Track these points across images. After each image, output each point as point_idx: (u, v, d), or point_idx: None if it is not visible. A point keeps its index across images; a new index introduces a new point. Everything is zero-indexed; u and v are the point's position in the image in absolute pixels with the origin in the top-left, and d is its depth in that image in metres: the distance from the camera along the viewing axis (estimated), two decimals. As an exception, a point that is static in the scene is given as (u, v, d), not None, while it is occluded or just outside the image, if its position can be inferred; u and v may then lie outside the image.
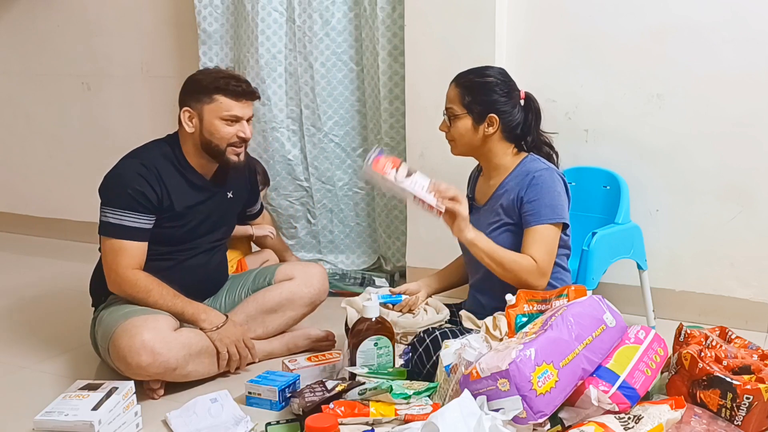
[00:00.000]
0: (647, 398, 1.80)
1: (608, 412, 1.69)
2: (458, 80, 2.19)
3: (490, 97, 2.16)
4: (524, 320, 1.92)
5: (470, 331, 2.05)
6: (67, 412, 1.83)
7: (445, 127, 2.20)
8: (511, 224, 2.16)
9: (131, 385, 1.96)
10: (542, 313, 1.91)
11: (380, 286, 2.91)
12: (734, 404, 1.72)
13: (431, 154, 2.88)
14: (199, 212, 2.32)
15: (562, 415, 1.71)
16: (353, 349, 1.98)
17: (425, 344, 2.00)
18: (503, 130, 2.18)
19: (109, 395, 1.89)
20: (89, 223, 2.86)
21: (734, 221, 2.59)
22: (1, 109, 4.25)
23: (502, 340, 1.93)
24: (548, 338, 1.68)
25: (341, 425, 1.70)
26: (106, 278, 2.24)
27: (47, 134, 4.15)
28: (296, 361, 2.22)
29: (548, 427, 1.69)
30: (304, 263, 2.63)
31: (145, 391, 2.11)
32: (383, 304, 2.20)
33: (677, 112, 2.61)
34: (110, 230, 2.20)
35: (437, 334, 2.01)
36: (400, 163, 2.04)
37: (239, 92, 2.24)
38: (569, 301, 1.89)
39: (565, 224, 2.15)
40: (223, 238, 2.47)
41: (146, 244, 2.23)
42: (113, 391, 1.91)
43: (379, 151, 2.04)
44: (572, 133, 2.75)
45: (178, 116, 2.27)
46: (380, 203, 3.31)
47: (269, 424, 1.91)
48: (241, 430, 1.89)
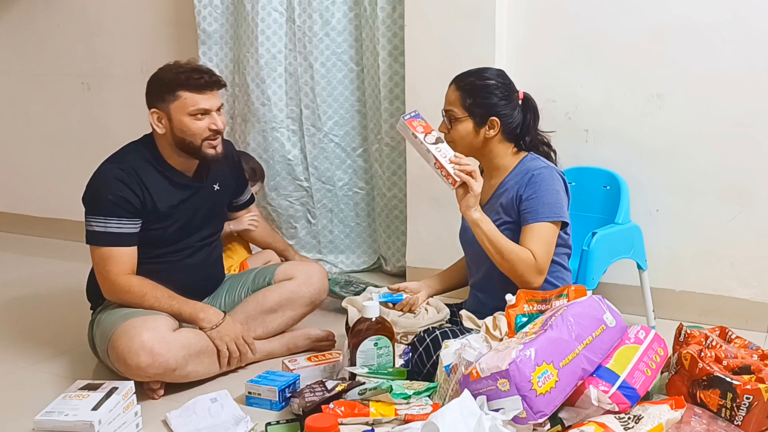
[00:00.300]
0: (647, 398, 1.80)
1: (608, 412, 1.69)
2: (458, 83, 2.18)
3: (490, 100, 2.16)
4: (524, 320, 1.92)
5: (470, 331, 2.05)
6: (67, 412, 1.83)
7: (445, 128, 2.20)
8: (510, 222, 2.16)
9: (131, 385, 1.96)
10: (542, 313, 1.91)
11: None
12: (734, 404, 1.72)
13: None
14: (185, 210, 2.29)
15: (562, 415, 1.71)
16: (353, 349, 1.98)
17: (425, 344, 2.00)
18: (503, 131, 2.18)
19: (109, 395, 1.89)
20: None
21: (734, 221, 2.59)
22: (1, 109, 4.25)
23: (502, 340, 1.93)
24: (548, 338, 1.68)
25: (341, 425, 1.70)
26: (100, 287, 2.23)
27: (47, 134, 4.15)
28: (296, 361, 2.22)
29: (548, 427, 1.69)
30: (304, 263, 2.62)
31: (145, 391, 2.10)
32: (384, 302, 2.20)
33: (677, 112, 2.61)
34: (97, 239, 2.18)
35: (437, 333, 2.01)
36: (431, 130, 2.09)
37: (202, 84, 2.19)
38: (569, 301, 1.89)
39: (564, 223, 2.16)
40: (215, 232, 2.45)
41: (135, 248, 2.20)
42: (113, 391, 1.91)
43: (416, 113, 2.11)
44: (572, 133, 2.75)
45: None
46: (380, 203, 3.31)
47: (269, 424, 1.90)
48: (241, 430, 1.89)
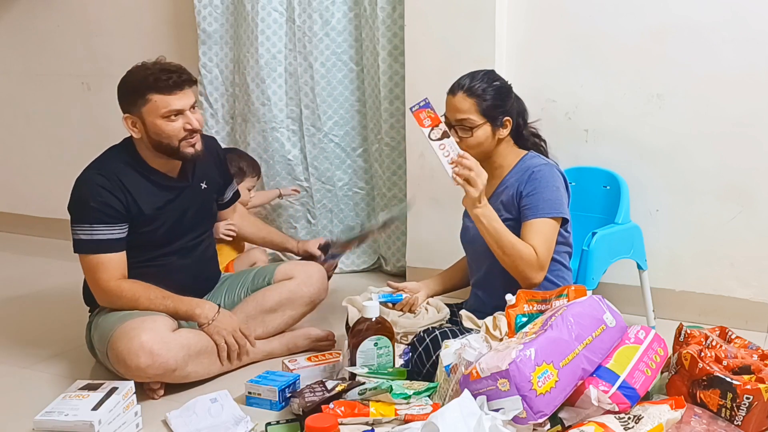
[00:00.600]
0: (647, 398, 1.80)
1: (608, 412, 1.69)
2: (467, 90, 2.14)
3: (503, 100, 2.17)
4: (524, 320, 1.92)
5: (470, 331, 2.05)
6: (67, 412, 1.83)
7: (457, 138, 2.15)
8: (510, 219, 2.16)
9: (131, 385, 1.96)
10: (542, 313, 1.91)
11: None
12: (734, 404, 1.72)
13: (431, 154, 2.86)
14: (172, 211, 2.27)
15: (562, 415, 1.71)
16: (353, 349, 1.98)
17: (425, 344, 2.00)
18: (511, 129, 2.20)
19: (109, 395, 1.89)
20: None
21: (734, 221, 2.59)
22: (1, 109, 4.25)
23: (502, 340, 1.93)
24: (548, 338, 1.68)
25: (341, 425, 1.70)
26: (94, 295, 2.23)
27: (47, 134, 4.15)
28: (296, 361, 2.22)
29: (548, 427, 1.69)
30: (303, 263, 2.61)
31: (145, 391, 2.10)
32: (383, 302, 2.20)
33: (677, 112, 2.61)
34: (84, 247, 2.16)
35: (437, 333, 2.01)
36: (439, 122, 2.08)
37: (171, 85, 2.14)
38: (569, 301, 1.89)
39: (564, 219, 2.16)
40: (207, 231, 2.44)
41: (124, 253, 2.19)
42: (113, 391, 1.91)
43: (426, 102, 2.09)
44: (572, 133, 2.75)
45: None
46: (380, 203, 3.30)
47: (269, 424, 1.90)
48: (241, 430, 1.89)
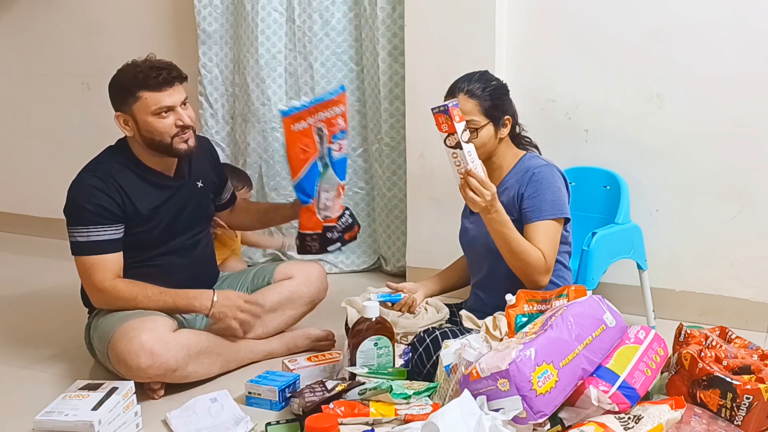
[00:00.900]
0: (647, 398, 1.80)
1: (608, 412, 1.69)
2: (467, 92, 2.13)
3: (503, 100, 2.18)
4: (524, 320, 1.92)
5: (470, 331, 2.05)
6: (67, 412, 1.83)
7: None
8: (512, 220, 2.16)
9: (131, 385, 1.96)
10: (542, 313, 1.91)
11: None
12: (734, 404, 1.72)
13: (431, 154, 2.88)
14: (168, 210, 2.27)
15: (562, 415, 1.71)
16: (353, 349, 1.97)
17: (425, 344, 2.00)
18: (510, 128, 2.20)
19: (109, 395, 1.89)
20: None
21: (734, 221, 2.59)
22: (1, 109, 4.25)
23: (502, 340, 1.94)
24: (548, 338, 1.68)
25: (341, 425, 1.70)
26: (90, 298, 2.23)
27: (47, 134, 4.15)
28: (296, 361, 2.22)
29: (548, 427, 1.69)
30: (303, 263, 2.61)
31: (145, 391, 2.10)
32: (382, 302, 2.20)
33: (677, 112, 2.61)
34: (80, 248, 2.17)
35: (437, 334, 2.01)
36: (454, 131, 1.94)
37: (161, 82, 2.15)
38: (569, 301, 1.89)
39: (566, 219, 2.16)
40: (204, 229, 2.43)
41: (120, 254, 2.19)
42: (113, 391, 1.91)
43: (445, 107, 1.94)
44: (572, 133, 2.75)
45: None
46: (380, 203, 3.30)
47: (269, 424, 1.90)
48: (241, 430, 1.89)
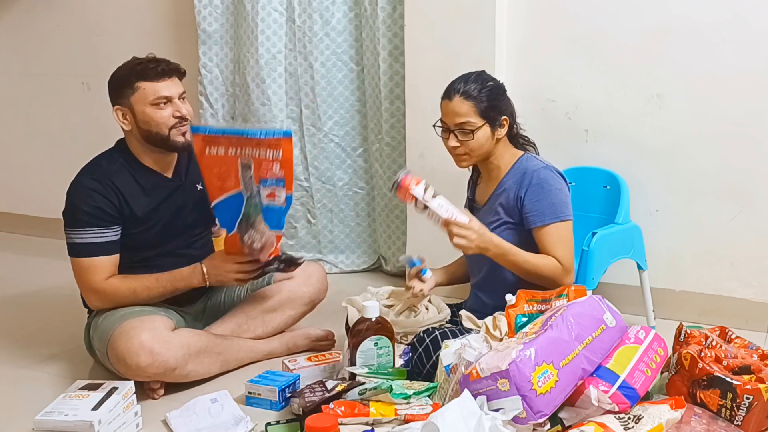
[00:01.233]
0: (647, 398, 1.80)
1: (608, 412, 1.69)
2: (463, 93, 2.12)
3: (500, 100, 2.17)
4: (524, 320, 1.93)
5: (470, 331, 2.05)
6: (67, 412, 1.83)
7: (458, 142, 2.15)
8: (511, 223, 2.17)
9: (131, 385, 1.96)
10: (542, 313, 1.91)
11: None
12: (734, 404, 1.72)
13: (431, 154, 2.88)
14: (165, 211, 2.26)
15: (562, 415, 1.71)
16: (353, 349, 1.98)
17: (425, 344, 2.00)
18: (508, 128, 2.20)
19: (109, 395, 1.89)
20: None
21: (734, 221, 2.59)
22: (1, 109, 4.25)
23: (502, 340, 1.94)
24: (548, 338, 1.68)
25: (341, 425, 1.70)
26: (86, 300, 2.22)
27: (47, 134, 4.14)
28: (296, 361, 2.22)
29: (548, 427, 1.69)
30: (304, 263, 2.60)
31: (145, 391, 2.10)
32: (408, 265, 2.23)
33: (677, 112, 2.61)
34: (77, 250, 2.18)
35: (437, 334, 2.01)
36: (414, 198, 2.08)
37: (159, 72, 2.17)
38: (569, 301, 1.89)
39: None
40: (205, 231, 2.41)
41: (116, 256, 2.19)
42: (113, 391, 1.91)
43: (397, 182, 2.08)
44: (572, 133, 2.75)
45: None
46: (380, 203, 3.31)
47: (269, 424, 1.90)
48: (241, 430, 1.89)
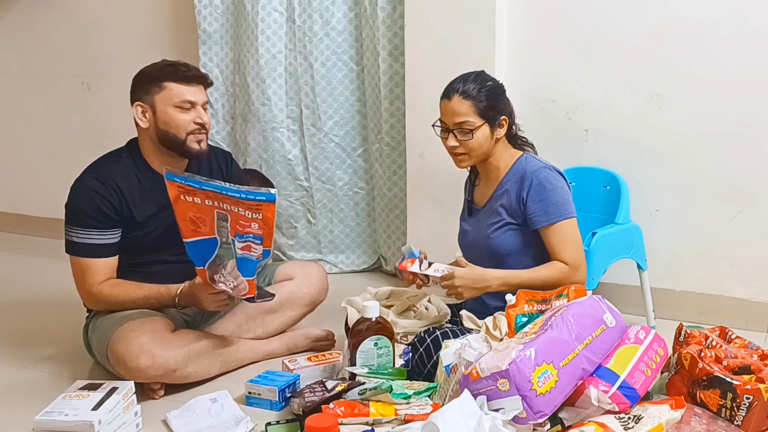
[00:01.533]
0: (647, 398, 1.80)
1: (608, 412, 1.69)
2: (462, 93, 2.12)
3: (499, 100, 2.17)
4: (524, 320, 1.93)
5: (470, 331, 2.05)
6: (67, 412, 1.83)
7: (457, 142, 2.15)
8: (514, 224, 2.17)
9: (131, 385, 1.96)
10: (542, 313, 1.91)
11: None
12: (734, 404, 1.72)
13: (431, 154, 2.88)
14: (166, 217, 2.20)
15: (562, 415, 1.71)
16: (353, 349, 1.98)
17: (425, 344, 2.00)
18: (507, 128, 2.20)
19: (109, 395, 1.89)
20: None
21: (734, 221, 2.59)
22: (1, 109, 4.25)
23: (502, 340, 1.94)
24: (548, 338, 1.68)
25: (341, 425, 1.70)
26: (81, 298, 2.22)
27: (47, 134, 4.14)
28: (296, 361, 2.22)
29: (548, 427, 1.69)
30: (303, 263, 2.60)
31: (145, 391, 2.10)
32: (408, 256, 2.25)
33: (677, 112, 2.61)
34: (75, 249, 2.18)
35: (437, 334, 2.01)
36: (414, 261, 2.18)
37: (189, 76, 2.17)
38: (569, 301, 1.89)
39: None
40: None
41: (114, 258, 2.19)
42: (113, 391, 1.91)
43: (402, 260, 2.19)
44: (572, 133, 2.75)
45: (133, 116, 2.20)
46: (380, 203, 3.31)
47: (269, 424, 1.90)
48: (241, 430, 1.89)
